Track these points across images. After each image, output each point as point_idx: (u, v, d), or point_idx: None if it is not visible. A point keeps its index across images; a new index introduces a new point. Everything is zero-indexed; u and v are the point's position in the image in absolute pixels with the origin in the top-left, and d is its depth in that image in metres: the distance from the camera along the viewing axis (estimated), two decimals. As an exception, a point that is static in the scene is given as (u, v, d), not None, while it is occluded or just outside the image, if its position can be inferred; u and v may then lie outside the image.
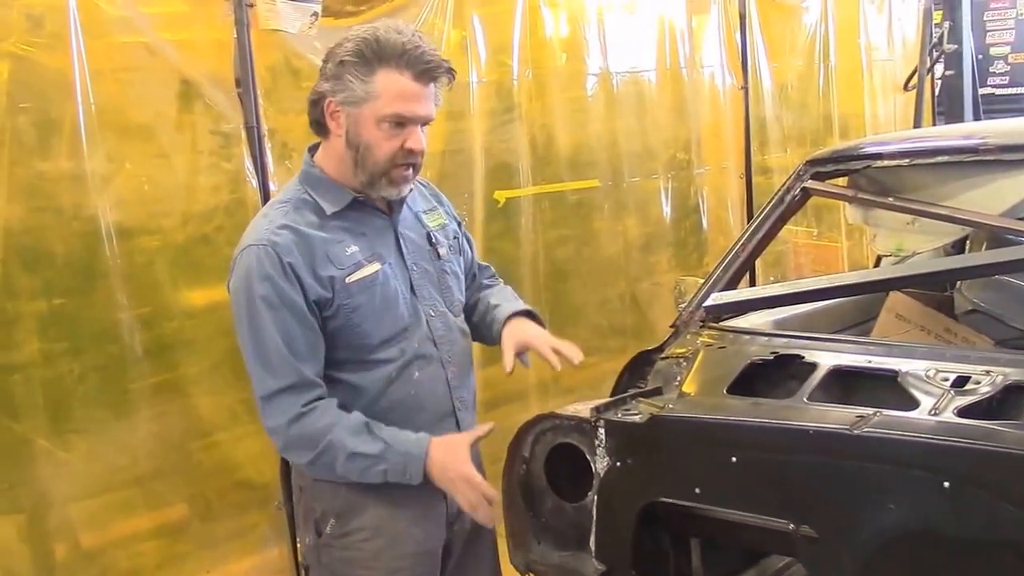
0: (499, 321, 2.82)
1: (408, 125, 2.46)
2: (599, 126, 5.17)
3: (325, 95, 2.47)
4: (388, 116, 2.43)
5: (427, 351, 2.61)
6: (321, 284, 2.45)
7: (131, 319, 3.31)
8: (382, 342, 2.54)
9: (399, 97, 2.42)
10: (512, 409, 4.57)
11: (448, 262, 2.73)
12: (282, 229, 2.46)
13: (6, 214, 3.05)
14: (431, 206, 2.78)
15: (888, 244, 3.55)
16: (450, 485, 2.50)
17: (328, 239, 2.49)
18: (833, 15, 6.86)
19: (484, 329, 2.87)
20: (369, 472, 2.48)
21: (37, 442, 3.14)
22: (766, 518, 2.49)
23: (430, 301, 2.65)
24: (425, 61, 2.43)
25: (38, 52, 3.11)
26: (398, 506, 2.60)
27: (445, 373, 2.65)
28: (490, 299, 2.91)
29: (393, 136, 2.45)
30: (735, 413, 2.59)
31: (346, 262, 2.49)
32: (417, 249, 2.65)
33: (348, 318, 2.49)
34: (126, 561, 3.36)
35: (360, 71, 2.41)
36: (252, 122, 3.54)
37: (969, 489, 2.16)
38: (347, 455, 2.45)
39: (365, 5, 4.02)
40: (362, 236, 2.55)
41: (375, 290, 2.52)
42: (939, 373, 2.54)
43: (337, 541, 2.63)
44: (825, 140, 6.77)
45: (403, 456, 2.47)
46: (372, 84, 2.41)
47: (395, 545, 2.61)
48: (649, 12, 5.43)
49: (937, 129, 6.60)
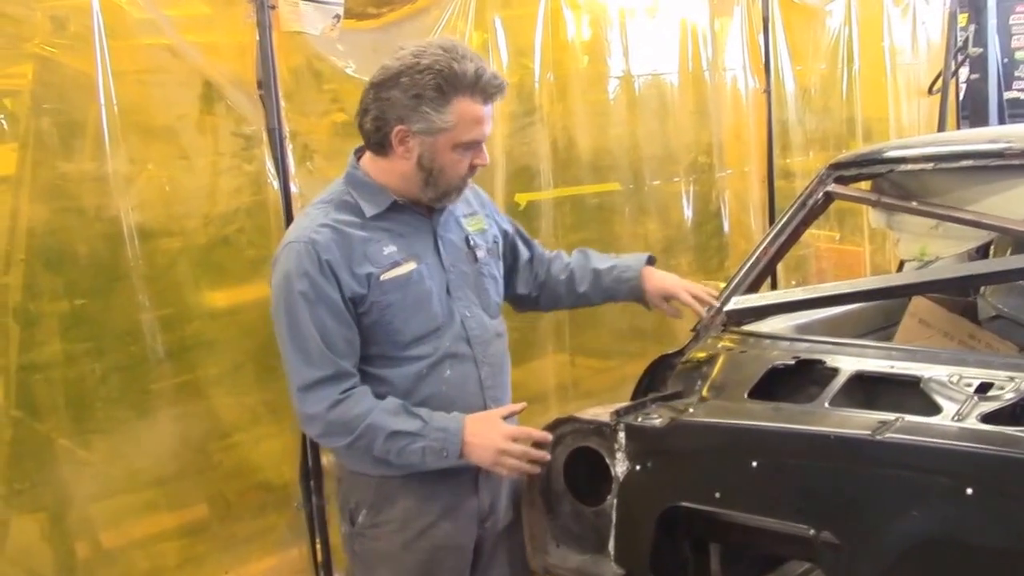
0: (628, 279, 3.07)
1: (477, 146, 2.59)
2: (621, 129, 5.16)
3: (392, 122, 2.53)
4: (465, 142, 2.55)
5: (460, 350, 2.68)
6: (357, 281, 2.54)
7: (153, 320, 3.32)
8: (414, 339, 2.62)
9: (474, 123, 2.54)
10: (532, 411, 4.53)
11: (486, 265, 2.81)
12: (322, 227, 2.56)
13: (29, 215, 3.06)
14: (472, 210, 2.86)
15: (911, 249, 3.53)
16: (487, 455, 2.56)
17: (367, 238, 2.58)
18: (857, 18, 6.83)
19: (608, 290, 3.09)
20: (407, 450, 2.55)
21: (59, 442, 3.16)
22: (786, 523, 2.48)
23: (465, 302, 2.72)
24: (494, 86, 2.55)
25: (62, 53, 3.12)
26: (428, 499, 2.66)
27: (478, 372, 2.72)
28: (599, 264, 3.10)
29: (465, 157, 2.58)
30: (756, 418, 2.58)
31: (383, 261, 2.58)
32: (455, 251, 2.73)
33: (381, 314, 2.58)
34: (146, 561, 3.36)
35: (437, 104, 2.49)
36: (274, 124, 3.54)
37: (992, 496, 2.15)
38: (387, 435, 2.53)
39: (387, 7, 4.02)
40: (401, 237, 2.63)
41: (409, 288, 2.60)
42: (962, 379, 2.52)
43: (368, 531, 2.71)
44: (848, 144, 6.73)
45: (442, 432, 2.55)
46: (449, 115, 2.50)
47: (424, 538, 2.68)
48: (672, 15, 5.40)
49: (962, 133, 6.56)
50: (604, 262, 3.11)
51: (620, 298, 3.13)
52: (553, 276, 3.09)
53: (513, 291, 3.06)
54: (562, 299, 3.14)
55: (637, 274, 3.06)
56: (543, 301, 3.14)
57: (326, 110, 3.86)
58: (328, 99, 3.85)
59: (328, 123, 3.87)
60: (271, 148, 3.56)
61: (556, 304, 3.18)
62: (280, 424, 3.57)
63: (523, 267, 3.08)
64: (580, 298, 3.12)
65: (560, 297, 3.12)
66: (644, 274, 3.07)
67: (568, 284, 3.08)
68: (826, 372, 2.75)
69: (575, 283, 3.08)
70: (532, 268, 3.10)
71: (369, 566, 2.77)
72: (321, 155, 3.76)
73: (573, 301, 3.15)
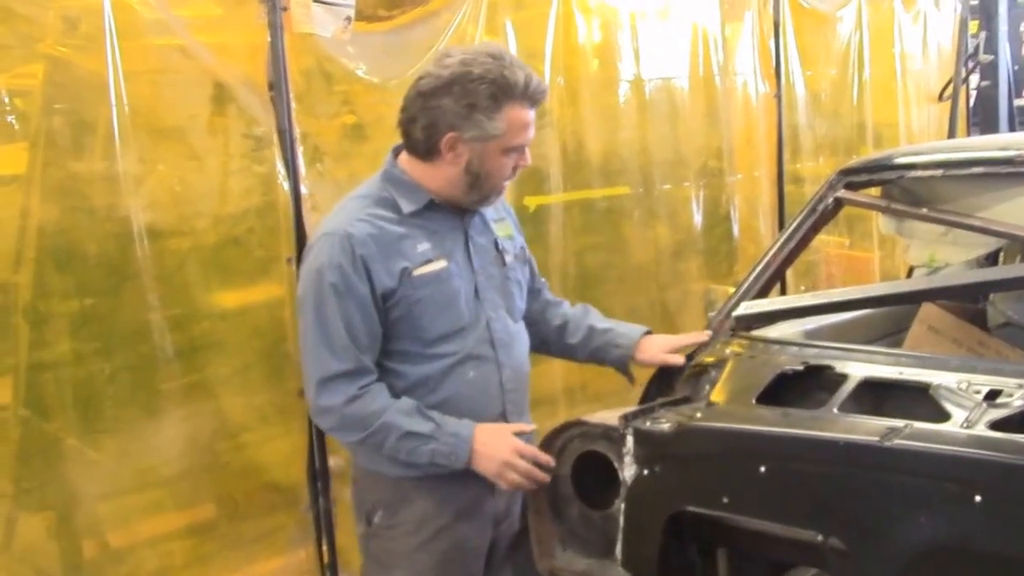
0: (620, 345, 3.04)
1: (522, 149, 2.64)
2: (631, 133, 5.15)
3: (443, 129, 2.57)
4: (515, 147, 2.60)
5: (483, 352, 2.71)
6: (390, 276, 2.58)
7: (162, 320, 3.32)
8: (439, 337, 2.66)
9: (522, 128, 2.60)
10: (540, 415, 4.53)
11: (513, 270, 2.84)
12: (360, 222, 2.60)
13: (39, 214, 3.07)
14: (500, 216, 2.89)
15: (921, 255, 3.53)
16: (492, 465, 2.59)
17: (402, 234, 2.62)
18: (868, 23, 6.82)
19: (596, 351, 3.07)
20: (417, 451, 2.58)
21: (67, 441, 3.16)
22: (794, 529, 2.47)
23: (492, 305, 2.75)
24: (541, 91, 2.62)
25: (73, 53, 3.13)
26: (445, 500, 2.69)
27: (500, 376, 2.75)
28: (596, 323, 3.08)
29: (511, 160, 2.63)
30: (764, 423, 2.57)
31: (416, 257, 2.62)
32: (485, 253, 2.76)
33: (409, 309, 2.62)
34: (154, 561, 3.37)
35: (491, 112, 2.54)
36: (284, 125, 3.55)
37: (1001, 503, 2.14)
38: (400, 434, 2.57)
39: (398, 10, 4.02)
40: (434, 235, 2.67)
41: (438, 285, 2.64)
42: (971, 386, 2.51)
43: (384, 532, 2.74)
44: (858, 149, 6.72)
45: (452, 436, 2.58)
46: (501, 122, 2.55)
47: (439, 539, 2.70)
48: (682, 19, 5.40)
49: (972, 140, 6.55)
50: (601, 323, 3.10)
51: (606, 363, 3.11)
52: (547, 319, 3.10)
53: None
54: (549, 344, 3.13)
55: (631, 343, 3.04)
56: (531, 339, 3.08)
57: (337, 112, 3.86)
58: (339, 101, 3.86)
59: (339, 125, 3.88)
60: (281, 149, 3.56)
61: (540, 346, 3.12)
62: (288, 425, 3.57)
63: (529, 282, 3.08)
64: (567, 349, 3.12)
65: (548, 342, 3.11)
66: (639, 344, 3.05)
67: (559, 332, 3.09)
68: (835, 378, 2.75)
69: (566, 333, 3.08)
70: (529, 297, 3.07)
71: (384, 566, 2.79)
72: (331, 157, 3.77)
73: (560, 350, 3.14)
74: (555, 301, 3.16)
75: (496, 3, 4.36)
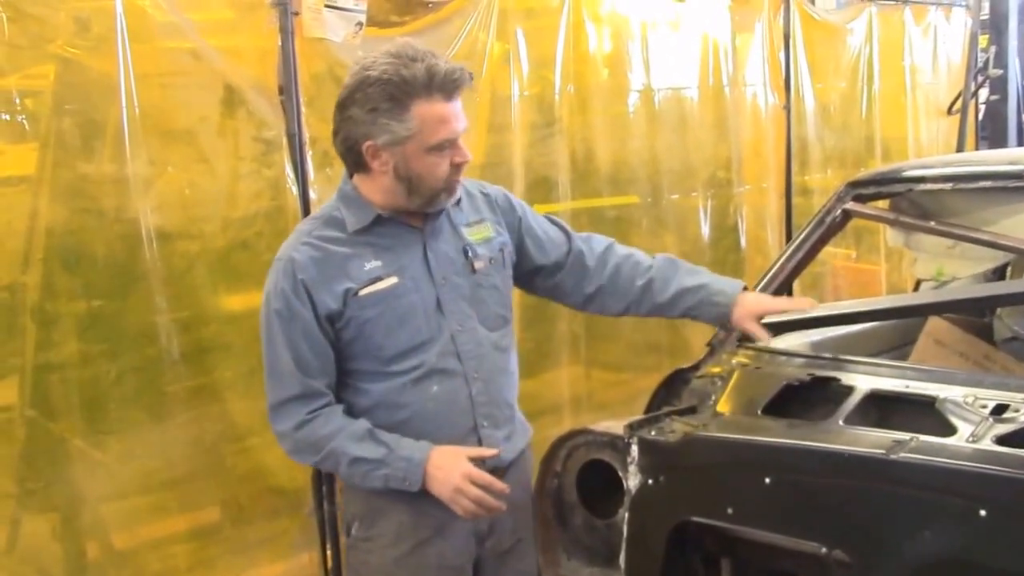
0: (718, 303, 2.89)
1: (452, 145, 2.50)
2: (640, 142, 5.16)
3: (359, 140, 2.49)
4: (435, 144, 2.47)
5: (448, 365, 2.60)
6: (333, 298, 2.50)
7: (169, 322, 3.33)
8: (397, 354, 2.56)
9: (439, 123, 2.46)
10: (545, 423, 4.55)
11: (486, 276, 2.70)
12: (304, 245, 2.54)
13: (48, 215, 3.08)
14: (479, 218, 2.75)
15: (928, 268, 3.52)
16: (445, 490, 2.48)
17: (349, 254, 2.54)
18: (878, 36, 6.82)
19: (691, 309, 2.91)
20: (370, 476, 2.51)
21: (73, 442, 3.17)
22: (799, 541, 2.47)
23: (459, 316, 2.63)
24: (451, 80, 2.46)
25: (84, 55, 3.14)
26: (421, 515, 2.59)
27: (469, 389, 2.62)
28: (686, 280, 2.92)
29: (442, 158, 2.50)
30: (770, 434, 2.57)
31: (363, 276, 2.53)
32: (447, 262, 2.64)
33: (360, 330, 2.54)
34: (157, 563, 3.38)
35: (395, 113, 2.43)
36: (294, 130, 3.56)
37: (1007, 518, 2.14)
38: (349, 460, 2.50)
39: (409, 16, 4.04)
40: (386, 251, 2.57)
41: (390, 303, 2.54)
42: (978, 400, 2.51)
43: (362, 544, 2.67)
44: (866, 162, 6.72)
45: (405, 461, 2.49)
46: (411, 121, 2.44)
47: (417, 554, 2.62)
48: (693, 29, 5.41)
49: (981, 154, 6.54)
50: (693, 277, 2.94)
51: (703, 320, 2.97)
52: (623, 280, 2.92)
53: (538, 284, 2.93)
54: (637, 304, 2.94)
55: (730, 300, 2.89)
56: (611, 305, 2.96)
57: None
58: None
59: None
60: (291, 153, 3.58)
61: (629, 309, 2.95)
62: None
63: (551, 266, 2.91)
64: (656, 308, 2.93)
65: (634, 303, 2.94)
66: (737, 300, 2.89)
67: (645, 291, 2.91)
68: (841, 390, 2.74)
69: (653, 292, 2.91)
70: (568, 266, 2.92)
71: None
72: (340, 162, 3.77)
73: (649, 310, 2.95)
74: (624, 256, 2.96)
75: (507, 11, 4.37)
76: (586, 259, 2.91)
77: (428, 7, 4.08)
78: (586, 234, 2.99)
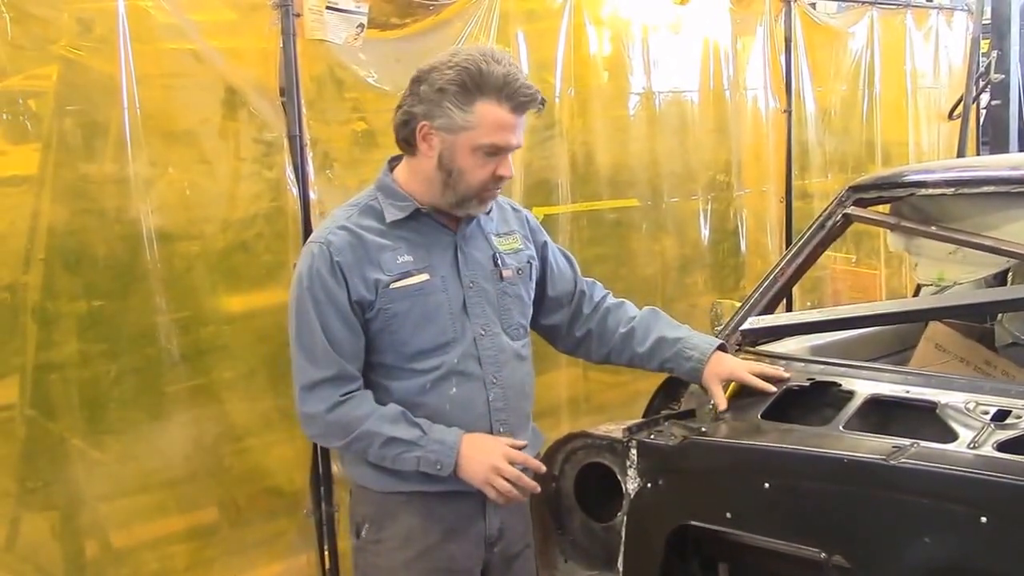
0: (691, 357, 2.85)
1: (501, 153, 2.52)
2: (640, 145, 5.16)
3: (418, 117, 2.50)
4: (485, 146, 2.49)
5: (468, 369, 2.61)
6: (366, 286, 2.52)
7: (169, 323, 3.34)
8: (420, 352, 2.57)
9: (497, 128, 2.48)
10: (543, 426, 4.51)
11: (512, 285, 2.72)
12: (340, 230, 2.55)
13: (50, 215, 3.08)
14: (509, 230, 2.79)
15: (929, 273, 3.52)
16: (480, 472, 2.49)
17: (384, 245, 2.56)
18: (879, 40, 6.82)
19: (667, 361, 2.88)
20: (402, 459, 2.51)
21: (72, 442, 3.17)
22: (797, 546, 2.47)
23: (483, 320, 2.64)
24: (524, 94, 2.49)
25: (86, 56, 3.14)
26: (431, 518, 2.60)
27: (486, 394, 2.63)
28: (667, 332, 2.90)
29: (486, 163, 2.51)
30: (769, 439, 2.57)
31: (395, 269, 2.54)
32: (478, 267, 2.66)
33: (387, 323, 2.55)
34: (155, 563, 3.38)
35: (460, 100, 2.45)
36: (295, 131, 3.56)
37: (1007, 525, 2.13)
38: (383, 440, 2.50)
39: (410, 18, 4.04)
40: (420, 247, 2.59)
41: (418, 299, 2.56)
42: (979, 406, 2.51)
43: (371, 547, 2.66)
44: (867, 167, 6.72)
45: (438, 444, 2.50)
46: (472, 114, 2.46)
47: (426, 558, 2.61)
48: (694, 33, 5.41)
49: (982, 159, 6.55)
50: (672, 331, 2.91)
51: (677, 373, 2.93)
52: (610, 326, 2.92)
53: (539, 320, 2.91)
54: (617, 353, 2.93)
55: (704, 356, 2.85)
56: (595, 350, 2.95)
57: (347, 118, 3.87)
58: (349, 107, 3.87)
59: (349, 131, 3.89)
60: (291, 155, 3.57)
61: (609, 356, 2.94)
62: (292, 430, 3.56)
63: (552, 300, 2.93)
64: (635, 358, 2.91)
65: (615, 351, 2.93)
66: (711, 359, 2.86)
67: (626, 339, 2.90)
68: (841, 395, 2.74)
69: (634, 341, 2.90)
70: (570, 304, 2.93)
71: None
72: (341, 163, 3.78)
73: (628, 359, 2.93)
74: (615, 304, 2.96)
75: (508, 13, 4.37)
76: (585, 302, 2.94)
77: (429, 9, 4.08)
78: (591, 280, 3.01)
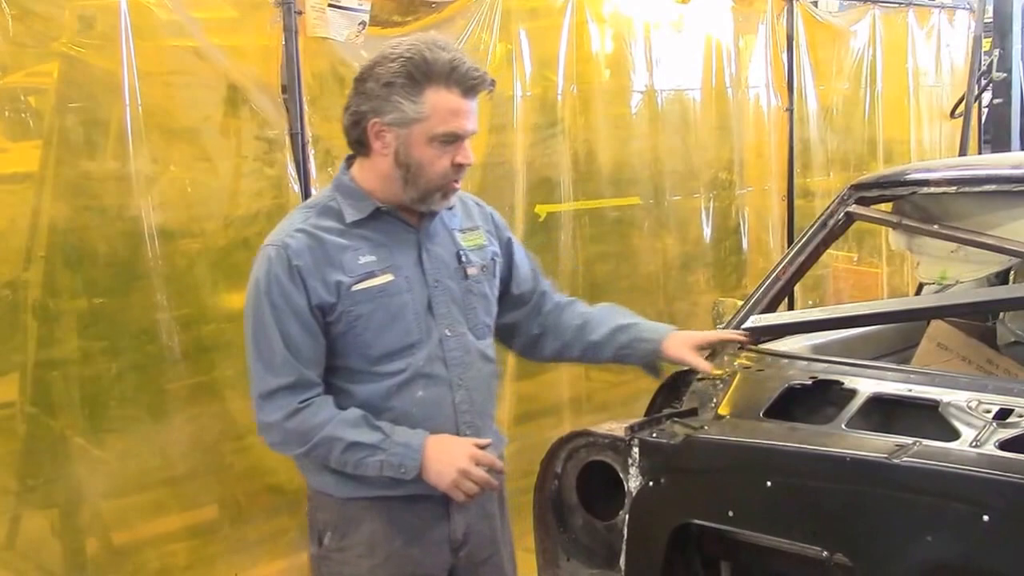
0: (647, 339, 2.84)
1: (457, 141, 2.46)
2: (642, 143, 5.16)
3: (368, 115, 2.45)
4: (440, 135, 2.43)
5: (434, 371, 2.56)
6: (327, 288, 2.45)
7: (170, 320, 3.33)
8: (385, 354, 2.51)
9: (450, 114, 2.43)
10: (545, 424, 4.56)
11: (477, 283, 2.67)
12: (298, 232, 2.47)
13: (51, 212, 3.08)
14: (472, 225, 2.73)
15: (931, 272, 3.52)
16: (447, 474, 2.43)
17: (345, 245, 2.49)
18: (881, 39, 6.82)
19: (622, 347, 2.85)
20: (364, 463, 2.45)
21: (73, 439, 3.17)
22: (799, 544, 2.47)
23: (448, 320, 2.59)
24: (472, 77, 2.44)
25: (88, 53, 3.14)
26: (395, 523, 2.56)
27: (452, 396, 2.58)
28: (620, 319, 2.88)
29: (444, 153, 2.46)
30: (771, 437, 2.56)
31: (357, 270, 2.48)
32: (442, 265, 2.61)
33: (351, 326, 2.48)
34: (156, 560, 3.38)
35: (409, 91, 2.40)
36: (296, 128, 3.56)
37: (1009, 523, 2.13)
38: (344, 445, 2.43)
39: (412, 16, 4.04)
40: (382, 247, 2.53)
41: (382, 300, 2.50)
42: (981, 405, 2.50)
43: (335, 555, 2.60)
44: (869, 165, 6.72)
45: (402, 447, 2.44)
46: (423, 104, 2.41)
47: (391, 564, 2.57)
48: (696, 31, 5.41)
49: (984, 157, 6.54)
50: (626, 318, 2.90)
51: (632, 360, 2.90)
52: (564, 321, 2.90)
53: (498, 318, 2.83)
54: (570, 347, 2.90)
55: (659, 338, 2.83)
56: (547, 345, 2.92)
57: (349, 116, 3.87)
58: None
59: (351, 129, 3.88)
60: (293, 152, 3.58)
61: (562, 351, 2.93)
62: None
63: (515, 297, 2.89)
64: (589, 348, 2.88)
65: (569, 345, 2.90)
66: (666, 340, 2.84)
67: (580, 331, 2.88)
68: (843, 393, 2.74)
69: (587, 331, 2.88)
70: (530, 303, 2.91)
71: None
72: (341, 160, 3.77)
73: (582, 351, 2.91)
74: (568, 301, 2.94)
75: (510, 11, 4.37)
76: (545, 300, 2.92)
77: (431, 7, 4.08)
78: (550, 281, 2.99)
